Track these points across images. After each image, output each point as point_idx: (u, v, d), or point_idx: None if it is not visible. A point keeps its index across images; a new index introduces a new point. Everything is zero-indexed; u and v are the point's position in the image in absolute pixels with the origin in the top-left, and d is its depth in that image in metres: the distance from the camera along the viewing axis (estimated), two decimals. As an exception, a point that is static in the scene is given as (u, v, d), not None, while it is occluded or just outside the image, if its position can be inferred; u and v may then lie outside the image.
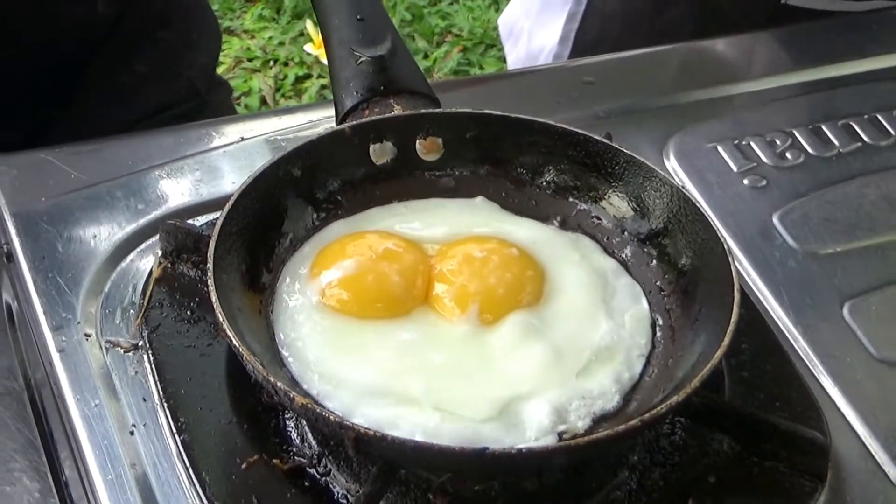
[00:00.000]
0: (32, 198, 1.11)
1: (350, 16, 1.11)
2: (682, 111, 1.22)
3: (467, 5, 3.54)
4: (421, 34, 3.46)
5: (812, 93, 1.25)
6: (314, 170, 1.04)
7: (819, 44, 1.31)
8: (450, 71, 3.36)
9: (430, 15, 3.52)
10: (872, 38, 1.31)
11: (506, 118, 1.07)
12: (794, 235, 1.13)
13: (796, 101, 1.24)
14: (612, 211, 1.05)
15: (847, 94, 1.25)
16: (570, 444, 0.91)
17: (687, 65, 1.30)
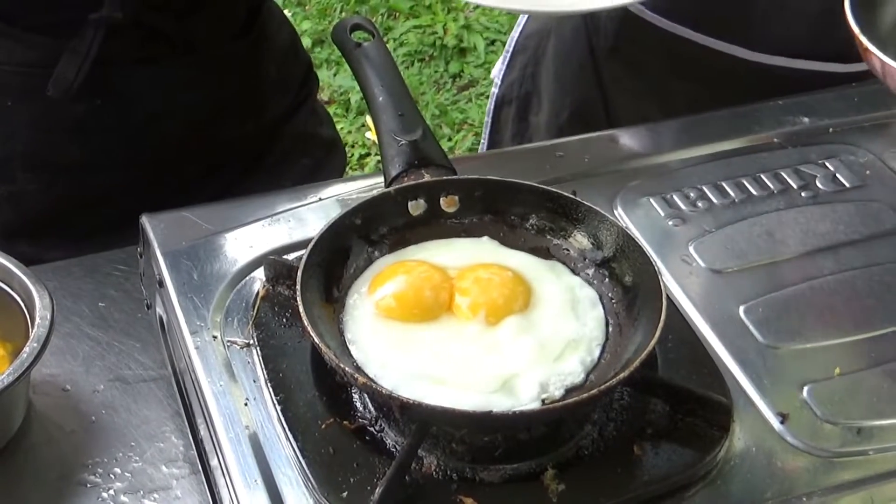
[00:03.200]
0: (176, 242, 1.09)
1: (394, 113, 1.09)
2: (625, 174, 1.20)
3: (478, 103, 3.52)
4: (446, 123, 3.44)
5: (715, 160, 1.23)
6: (370, 220, 1.02)
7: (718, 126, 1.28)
8: (466, 149, 3.33)
9: (452, 110, 3.49)
10: (756, 122, 1.29)
11: (503, 182, 1.06)
12: (704, 259, 1.11)
13: (704, 167, 1.21)
14: (576, 245, 1.03)
15: (739, 161, 1.22)
16: (550, 408, 0.90)
17: (629, 142, 1.28)
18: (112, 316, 1.13)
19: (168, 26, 1.27)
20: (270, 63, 1.41)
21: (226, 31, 1.35)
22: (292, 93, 1.48)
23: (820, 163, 1.22)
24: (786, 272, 1.10)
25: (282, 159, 1.45)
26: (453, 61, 3.65)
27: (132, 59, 1.26)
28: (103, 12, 1.20)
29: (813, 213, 1.17)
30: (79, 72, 1.21)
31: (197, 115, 1.33)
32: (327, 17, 3.78)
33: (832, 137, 1.26)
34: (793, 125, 1.28)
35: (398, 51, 3.68)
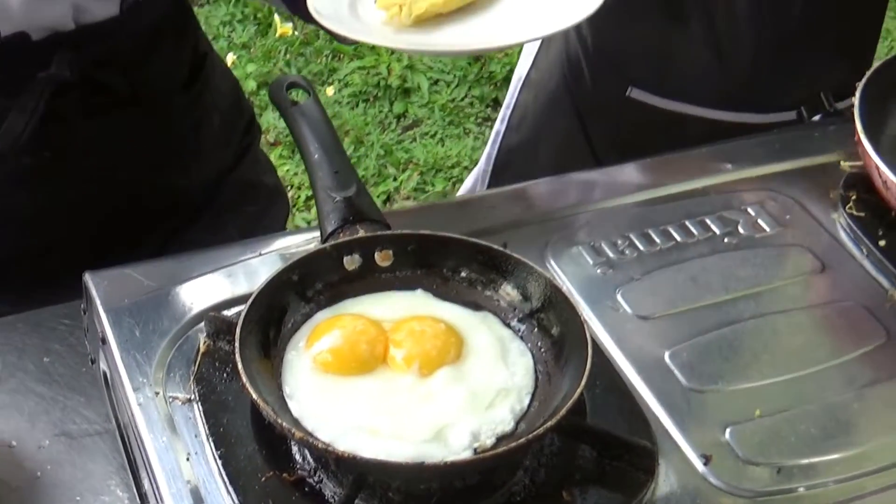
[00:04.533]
0: (118, 299, 1.11)
1: (329, 170, 1.12)
2: (556, 224, 1.23)
3: (423, 142, 3.55)
4: (391, 163, 3.45)
5: (642, 208, 1.26)
6: (307, 276, 1.05)
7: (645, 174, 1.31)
8: (411, 189, 3.35)
9: (397, 150, 3.51)
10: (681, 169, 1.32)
11: (434, 236, 1.08)
12: (631, 305, 1.14)
13: (631, 214, 1.25)
14: (506, 296, 1.06)
15: (665, 209, 1.26)
16: (482, 457, 0.93)
17: (559, 191, 1.31)
18: (57, 371, 1.15)
19: (114, 81, 1.29)
20: (214, 113, 1.44)
21: (170, 83, 1.37)
22: (235, 142, 1.50)
23: (742, 208, 1.26)
24: (709, 317, 1.14)
25: (226, 207, 1.47)
26: (397, 101, 3.67)
27: (79, 112, 1.28)
28: (52, 70, 1.22)
29: (735, 258, 1.21)
30: (26, 126, 1.23)
31: (143, 166, 1.35)
32: (272, 60, 3.80)
33: (754, 184, 1.31)
34: (717, 172, 1.32)
35: (343, 92, 3.70)
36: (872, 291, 1.18)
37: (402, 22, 1.13)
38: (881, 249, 1.21)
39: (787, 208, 1.27)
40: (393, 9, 1.13)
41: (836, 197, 1.28)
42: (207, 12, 3.95)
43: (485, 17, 1.16)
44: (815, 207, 1.28)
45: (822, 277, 1.20)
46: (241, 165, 1.50)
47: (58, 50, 1.22)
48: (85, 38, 1.23)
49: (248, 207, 1.50)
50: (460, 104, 3.66)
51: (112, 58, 1.28)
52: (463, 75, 3.71)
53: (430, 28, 1.14)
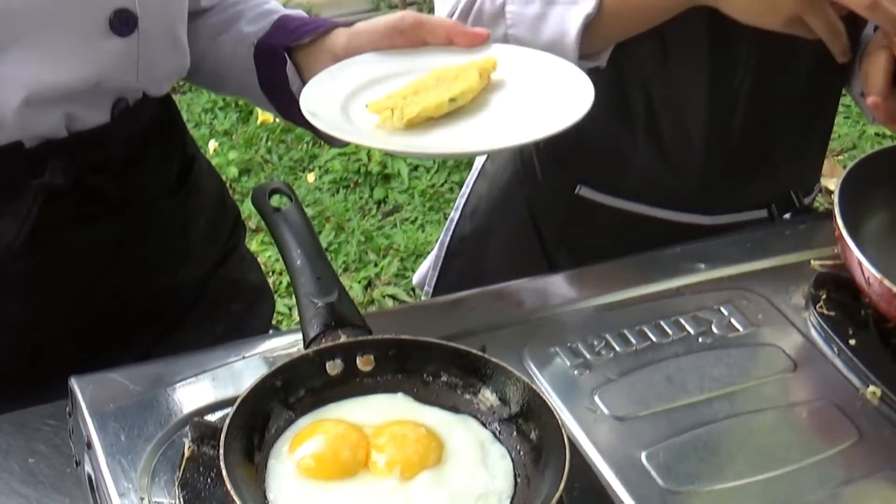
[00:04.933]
0: (104, 403, 1.12)
1: (311, 276, 1.14)
2: (533, 325, 1.26)
3: (403, 228, 3.58)
4: (372, 249, 3.49)
5: (617, 309, 1.29)
6: (290, 381, 1.07)
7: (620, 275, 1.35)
8: (392, 275, 3.38)
9: (378, 236, 3.55)
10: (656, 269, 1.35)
11: (415, 341, 1.11)
12: (608, 406, 1.16)
13: (607, 315, 1.27)
14: (485, 400, 1.08)
15: (640, 309, 1.28)
16: (461, 562, 0.95)
17: (537, 292, 1.34)
18: (42, 472, 1.15)
19: (106, 186, 1.31)
20: (200, 215, 1.46)
21: (159, 187, 1.40)
22: (221, 242, 1.53)
23: (716, 308, 1.29)
24: (685, 417, 1.16)
25: (212, 306, 1.49)
26: (378, 187, 3.72)
27: (71, 218, 1.30)
28: (45, 178, 1.25)
29: (709, 357, 1.23)
30: (19, 233, 1.25)
31: (133, 270, 1.37)
32: (253, 147, 3.85)
33: (727, 283, 1.34)
34: (690, 272, 1.35)
35: (323, 178, 3.75)
36: (844, 390, 1.21)
37: (395, 125, 1.16)
38: (851, 348, 1.24)
39: (759, 307, 1.30)
40: (385, 112, 1.17)
41: (807, 296, 1.31)
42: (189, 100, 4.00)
43: (474, 120, 1.20)
44: (786, 306, 1.31)
45: (795, 376, 1.23)
46: (226, 264, 1.53)
47: (51, 157, 1.25)
48: (77, 146, 1.26)
49: (234, 306, 1.52)
50: (440, 190, 3.71)
51: (104, 164, 1.31)
52: (442, 161, 3.76)
53: (421, 131, 1.17)
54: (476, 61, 1.25)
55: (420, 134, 1.17)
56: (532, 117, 1.19)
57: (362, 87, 1.23)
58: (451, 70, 1.23)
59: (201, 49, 1.43)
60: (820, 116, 1.62)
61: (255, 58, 1.39)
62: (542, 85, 1.25)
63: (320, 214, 3.59)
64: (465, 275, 1.72)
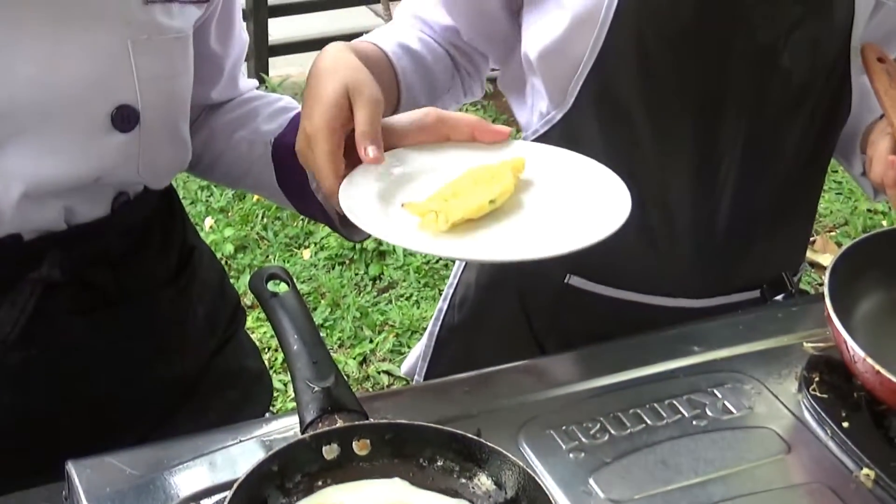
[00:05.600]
0: (100, 487, 1.13)
1: (308, 361, 1.16)
2: (529, 408, 1.26)
3: (398, 304, 3.60)
4: (367, 325, 3.50)
5: (612, 392, 1.30)
6: (286, 466, 1.07)
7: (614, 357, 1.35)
8: (387, 351, 3.39)
9: (373, 312, 3.56)
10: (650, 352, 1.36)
11: (411, 426, 1.12)
12: (603, 489, 1.16)
13: (602, 398, 1.28)
14: (481, 485, 1.09)
15: (634, 392, 1.29)
16: None
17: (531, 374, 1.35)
18: (37, 556, 1.16)
19: (104, 279, 1.32)
20: (199, 305, 1.47)
21: (158, 278, 1.41)
22: (220, 330, 1.53)
23: (709, 390, 1.30)
24: (680, 500, 1.16)
25: (210, 393, 1.49)
26: (373, 264, 3.74)
27: (67, 310, 1.31)
28: (42, 272, 1.26)
29: (704, 440, 1.24)
30: (15, 325, 1.25)
31: (130, 360, 1.37)
32: (249, 224, 3.87)
33: (720, 365, 1.35)
34: (684, 354, 1.36)
35: (319, 255, 3.77)
36: (837, 473, 1.21)
37: (439, 228, 1.18)
38: (845, 431, 1.24)
39: (753, 390, 1.31)
40: (429, 215, 1.19)
41: (800, 378, 1.32)
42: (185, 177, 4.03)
43: (513, 223, 1.22)
44: (779, 389, 1.32)
45: (789, 459, 1.23)
46: (225, 352, 1.53)
47: (49, 250, 1.25)
48: (76, 238, 1.27)
49: (231, 392, 1.52)
50: (435, 266, 3.73)
51: (102, 256, 1.32)
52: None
53: (462, 233, 1.19)
54: (508, 161, 1.27)
55: (463, 237, 1.18)
56: (571, 222, 1.22)
57: (395, 183, 1.25)
58: (486, 170, 1.25)
59: (218, 147, 1.45)
60: (805, 200, 1.64)
61: (273, 156, 1.40)
62: (570, 185, 1.28)
63: (315, 291, 3.61)
64: (455, 363, 1.70)
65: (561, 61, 1.44)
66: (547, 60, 1.46)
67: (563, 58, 1.44)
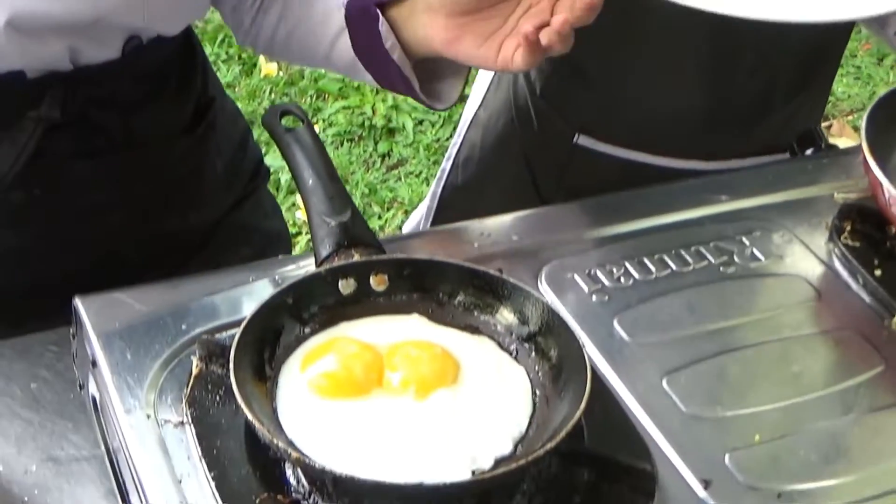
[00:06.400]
0: (109, 323, 1.10)
1: (323, 195, 1.12)
2: (550, 252, 1.23)
3: (408, 181, 3.56)
4: (375, 202, 3.47)
5: (636, 237, 1.26)
6: (301, 299, 1.05)
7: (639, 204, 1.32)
8: (396, 227, 3.36)
9: (382, 189, 3.53)
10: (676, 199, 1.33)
11: (430, 261, 1.09)
12: (628, 332, 1.14)
13: (626, 243, 1.25)
14: (503, 320, 1.06)
15: (660, 238, 1.26)
16: (480, 478, 0.93)
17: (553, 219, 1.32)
18: (44, 397, 1.14)
19: (110, 123, 1.28)
20: (217, 158, 1.42)
21: (171, 127, 1.36)
22: (239, 187, 1.48)
23: (737, 238, 1.27)
24: (707, 344, 1.14)
25: (223, 248, 1.45)
26: (382, 141, 3.69)
27: (71, 153, 1.27)
28: (42, 111, 1.22)
29: (731, 286, 1.21)
30: (14, 164, 1.21)
31: (138, 208, 1.33)
32: (256, 99, 3.81)
33: (749, 214, 1.31)
34: (711, 203, 1.32)
35: (327, 131, 3.72)
36: (869, 320, 1.19)
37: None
38: (877, 279, 1.22)
39: (782, 238, 1.28)
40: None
41: (831, 228, 1.29)
42: (194, 48, 3.96)
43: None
44: (809, 238, 1.29)
45: (819, 306, 1.21)
46: (242, 209, 1.49)
47: (49, 89, 1.21)
48: (82, 80, 1.22)
49: (245, 249, 1.48)
50: (445, 144, 3.68)
51: (110, 100, 1.27)
52: (448, 115, 3.73)
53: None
54: None
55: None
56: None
57: None
58: None
59: (292, 19, 1.37)
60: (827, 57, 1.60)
61: (347, 20, 1.33)
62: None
63: (324, 168, 3.56)
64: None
65: None
66: None
67: None
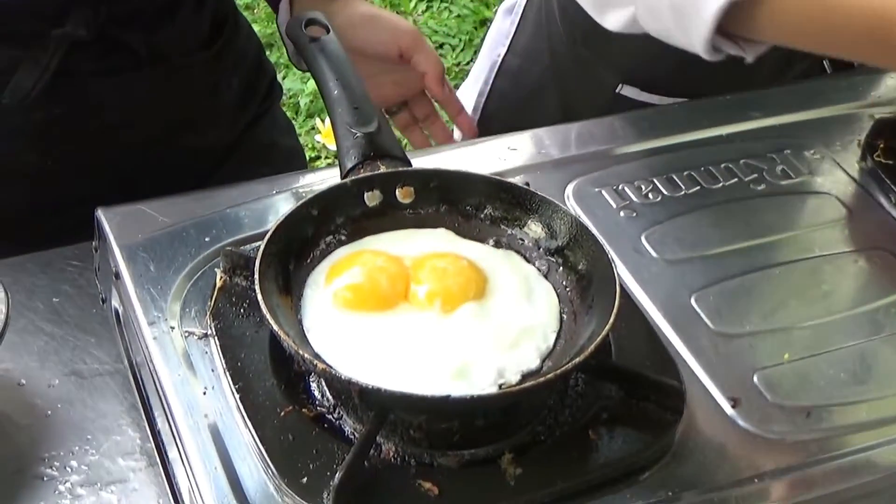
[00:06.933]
0: (132, 235, 1.09)
1: (349, 106, 1.10)
2: (577, 167, 1.22)
3: (429, 104, 3.53)
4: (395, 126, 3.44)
5: (665, 153, 1.25)
6: (326, 210, 1.03)
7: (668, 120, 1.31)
8: (417, 149, 3.34)
9: (402, 113, 3.49)
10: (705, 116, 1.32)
11: (458, 173, 1.07)
12: (656, 249, 1.13)
13: (655, 160, 1.24)
14: (531, 234, 1.05)
15: (689, 154, 1.25)
16: (508, 392, 0.92)
17: (580, 135, 1.30)
18: (66, 311, 1.13)
19: (133, 40, 1.27)
20: (234, 75, 1.41)
21: (190, 43, 1.35)
22: (255, 104, 1.48)
23: (768, 156, 1.25)
24: (735, 262, 1.13)
25: (239, 167, 1.44)
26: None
27: (93, 70, 1.26)
28: (67, 29, 1.20)
29: (760, 204, 1.20)
30: (37, 82, 1.20)
31: (158, 126, 1.33)
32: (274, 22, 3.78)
33: (779, 131, 1.29)
34: (741, 119, 1.30)
35: (347, 54, 3.69)
36: (901, 239, 1.17)
37: None
38: (910, 198, 1.20)
39: (813, 156, 1.26)
40: None
41: (863, 146, 1.27)
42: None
43: None
44: (841, 156, 1.27)
45: (850, 225, 1.19)
46: (258, 126, 1.48)
47: (74, 8, 1.20)
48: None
49: (264, 168, 1.48)
50: (465, 68, 3.64)
51: (131, 17, 1.26)
52: (469, 39, 3.70)
53: None
54: None
55: None
56: None
57: None
58: None
59: None
60: None
61: None
62: None
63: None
64: None
65: None
66: None
67: None
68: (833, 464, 0.97)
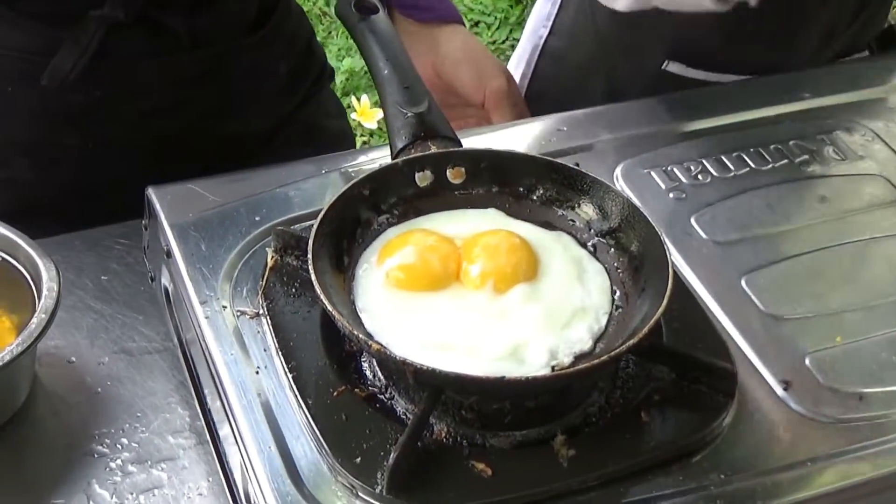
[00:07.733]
0: (183, 213, 1.10)
1: (399, 86, 1.10)
2: (626, 148, 1.22)
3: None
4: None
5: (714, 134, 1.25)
6: (378, 190, 1.04)
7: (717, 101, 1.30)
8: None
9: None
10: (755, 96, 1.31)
11: (508, 153, 1.08)
12: (706, 230, 1.13)
13: (704, 141, 1.23)
14: (582, 215, 1.05)
15: (738, 135, 1.24)
16: (560, 374, 0.92)
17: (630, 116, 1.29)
18: (115, 289, 1.14)
19: (174, 23, 1.26)
20: (281, 60, 1.40)
21: (235, 27, 1.34)
22: (303, 90, 1.46)
23: (819, 137, 1.25)
24: (786, 243, 1.12)
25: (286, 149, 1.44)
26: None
27: (133, 53, 1.25)
28: (105, 10, 1.20)
29: (812, 185, 1.19)
30: (75, 65, 1.20)
31: (200, 110, 1.33)
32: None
33: (830, 112, 1.29)
34: (792, 100, 1.30)
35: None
36: (956, 223, 1.17)
37: None
38: (965, 182, 1.19)
39: (863, 138, 1.25)
40: None
41: (916, 128, 1.26)
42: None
43: None
44: (892, 138, 1.26)
45: (901, 208, 1.19)
46: (305, 109, 1.47)
47: None
48: None
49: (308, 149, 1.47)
50: (501, 46, 3.64)
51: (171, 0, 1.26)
52: (504, 17, 3.69)
53: None
54: None
55: None
56: None
57: None
58: None
59: None
60: None
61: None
62: None
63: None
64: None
65: None
66: None
67: None
68: (885, 447, 0.96)
